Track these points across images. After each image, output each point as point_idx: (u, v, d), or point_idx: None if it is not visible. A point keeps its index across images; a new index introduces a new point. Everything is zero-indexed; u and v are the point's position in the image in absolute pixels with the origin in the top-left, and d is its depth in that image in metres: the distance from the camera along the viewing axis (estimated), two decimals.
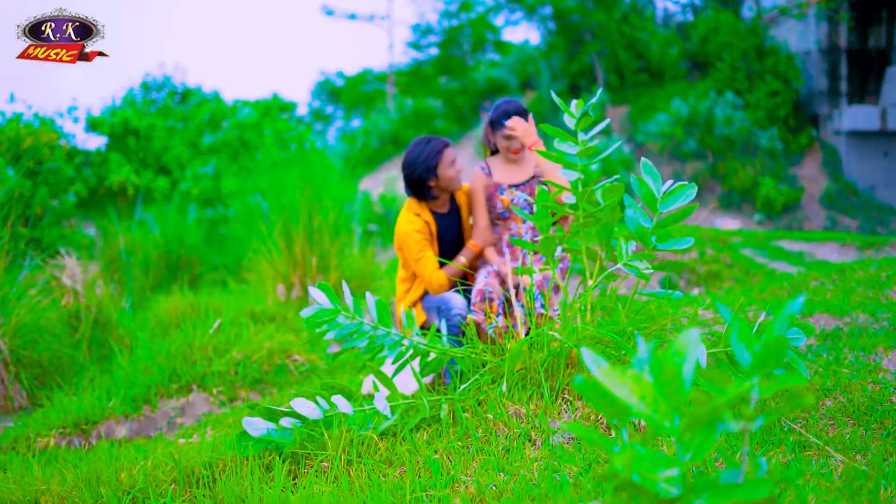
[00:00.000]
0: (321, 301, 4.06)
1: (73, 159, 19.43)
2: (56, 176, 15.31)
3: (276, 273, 9.61)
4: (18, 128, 14.40)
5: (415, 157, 5.33)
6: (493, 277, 5.12)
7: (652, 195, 4.06)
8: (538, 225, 4.24)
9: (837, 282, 6.92)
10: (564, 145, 4.22)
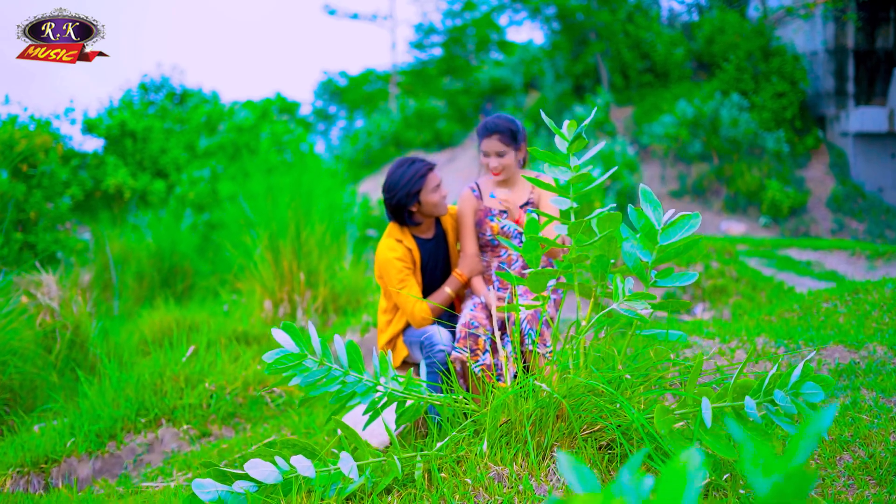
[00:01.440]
0: (285, 344, 3.67)
1: (69, 162, 19.17)
2: (51, 179, 15.05)
3: (262, 289, 9.23)
4: (13, 130, 14.15)
5: (396, 180, 4.93)
6: (479, 310, 4.73)
7: (651, 227, 3.66)
8: (526, 258, 3.85)
9: (851, 304, 6.53)
10: (556, 171, 3.82)
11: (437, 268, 5.14)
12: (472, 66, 46.33)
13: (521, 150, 5.10)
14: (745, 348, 5.20)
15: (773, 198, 26.24)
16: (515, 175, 5.12)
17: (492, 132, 4.99)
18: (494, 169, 5.02)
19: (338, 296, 9.40)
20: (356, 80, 55.01)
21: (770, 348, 5.16)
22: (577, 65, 35.41)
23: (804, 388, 3.14)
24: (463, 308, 4.89)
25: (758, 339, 5.36)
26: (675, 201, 27.73)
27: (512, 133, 5.00)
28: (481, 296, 4.91)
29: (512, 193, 5.11)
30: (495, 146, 4.99)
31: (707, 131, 28.23)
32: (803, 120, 29.67)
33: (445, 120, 40.33)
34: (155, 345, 7.92)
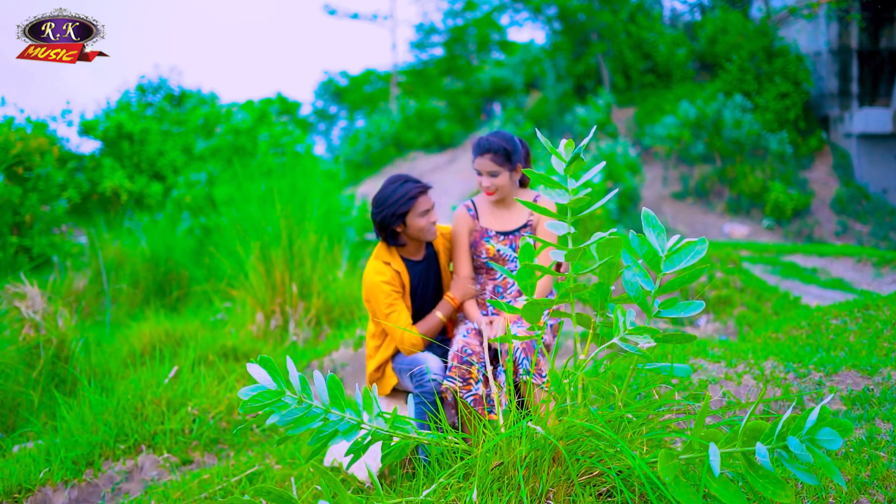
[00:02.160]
0: (261, 380, 3.42)
1: (65, 164, 19.01)
2: (47, 182, 14.87)
3: (254, 300, 8.98)
4: (9, 132, 13.98)
5: (384, 198, 4.67)
6: (472, 337, 4.47)
7: (655, 253, 3.42)
8: (521, 285, 3.60)
9: (861, 321, 6.27)
10: (553, 193, 3.57)
11: (428, 291, 4.89)
12: (473, 66, 46.22)
13: (518, 171, 4.84)
14: (752, 372, 4.95)
15: (777, 200, 26.03)
16: (512, 195, 4.86)
17: (485, 151, 4.73)
18: (487, 189, 4.76)
19: (332, 307, 9.14)
20: (357, 80, 54.85)
21: (779, 373, 4.91)
22: (579, 65, 35.25)
23: (820, 435, 2.89)
24: (455, 334, 4.64)
25: (765, 362, 5.11)
26: (678, 203, 27.53)
27: (506, 153, 4.73)
28: (475, 321, 4.66)
29: (509, 214, 4.86)
30: (488, 166, 4.73)
31: (710, 132, 28.03)
32: (807, 121, 29.48)
33: (446, 120, 40.16)
34: (143, 358, 7.68)
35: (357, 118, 53.23)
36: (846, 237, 25.39)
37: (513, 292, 4.80)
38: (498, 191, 4.75)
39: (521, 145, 4.87)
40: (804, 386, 4.72)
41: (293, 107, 41.62)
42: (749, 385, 4.82)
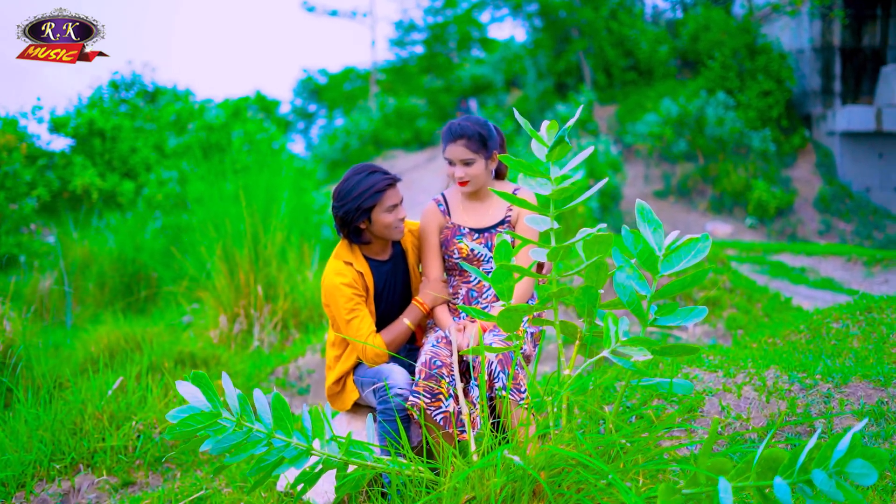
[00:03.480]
0: (192, 400, 2.94)
1: (35, 162, 18.59)
2: (14, 180, 14.46)
3: (217, 303, 8.48)
4: None
5: (348, 189, 4.15)
6: (442, 346, 3.99)
7: (651, 252, 2.96)
8: (496, 289, 3.13)
9: (864, 325, 5.83)
10: (533, 183, 3.11)
11: (395, 295, 4.39)
12: (454, 63, 45.84)
13: (494, 160, 4.33)
14: (753, 383, 4.49)
15: (760, 198, 25.72)
16: (487, 187, 4.36)
17: (457, 137, 4.22)
18: (460, 179, 4.24)
19: (299, 310, 8.65)
20: (336, 78, 54.37)
21: (783, 384, 4.45)
22: (560, 62, 34.86)
23: (852, 468, 2.43)
24: (424, 344, 4.15)
25: (767, 371, 4.65)
26: (660, 201, 27.18)
27: (481, 138, 4.22)
28: (445, 329, 4.17)
29: (484, 209, 4.37)
30: (460, 153, 4.22)
31: (692, 130, 27.67)
32: (789, 119, 29.18)
33: (426, 118, 39.74)
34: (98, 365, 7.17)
35: (336, 116, 52.72)
36: (830, 236, 25.12)
37: (489, 297, 4.29)
38: (472, 181, 4.24)
39: (496, 132, 4.37)
40: (811, 399, 4.27)
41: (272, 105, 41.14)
42: (750, 397, 4.37)
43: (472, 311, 3.12)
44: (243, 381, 7.13)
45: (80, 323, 11.28)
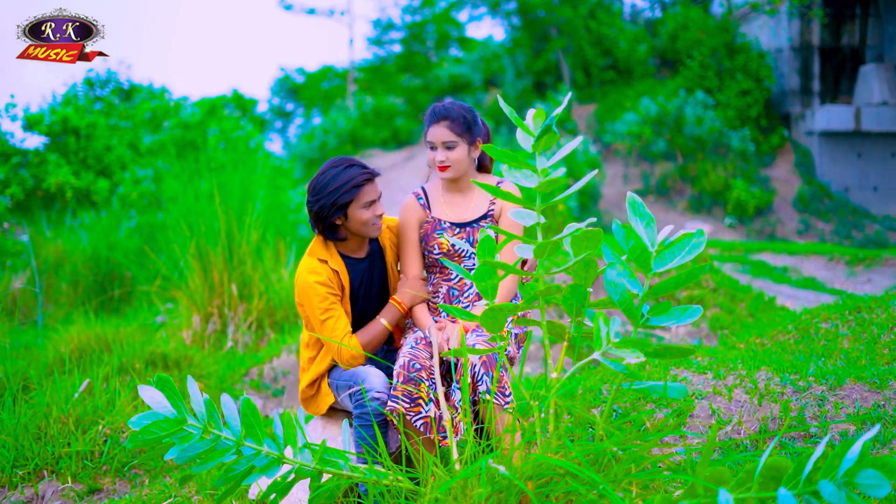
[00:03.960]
0: (157, 406, 2.75)
1: (8, 160, 18.39)
2: None
3: (190, 302, 8.27)
4: None
5: (324, 183, 3.95)
6: (422, 348, 3.80)
7: (643, 248, 2.79)
8: (479, 287, 2.95)
9: (854, 325, 5.69)
10: (518, 174, 2.93)
11: (372, 293, 4.20)
12: (432, 62, 45.71)
13: (478, 147, 4.14)
14: (744, 385, 4.33)
15: (739, 198, 25.67)
16: (469, 177, 4.18)
17: (441, 118, 4.03)
18: (441, 164, 4.04)
19: (274, 309, 8.45)
20: (314, 76, 54.11)
21: (774, 386, 4.30)
22: (538, 61, 34.74)
23: (862, 478, 2.26)
24: (402, 346, 3.96)
25: (758, 373, 4.49)
26: None
27: (465, 122, 4.03)
28: (425, 330, 3.98)
29: (466, 202, 4.18)
30: (443, 135, 4.03)
31: (671, 129, 27.59)
32: (768, 118, 29.15)
33: (404, 117, 39.56)
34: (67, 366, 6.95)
35: (314, 115, 52.48)
36: (809, 235, 25.09)
37: (471, 295, 4.10)
38: (453, 167, 4.04)
39: (482, 123, 4.19)
40: (805, 401, 4.12)
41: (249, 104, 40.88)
42: (742, 400, 4.21)
43: (453, 310, 2.94)
44: (217, 383, 6.94)
45: (52, 323, 11.06)
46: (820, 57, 28.49)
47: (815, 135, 27.46)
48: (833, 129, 26.82)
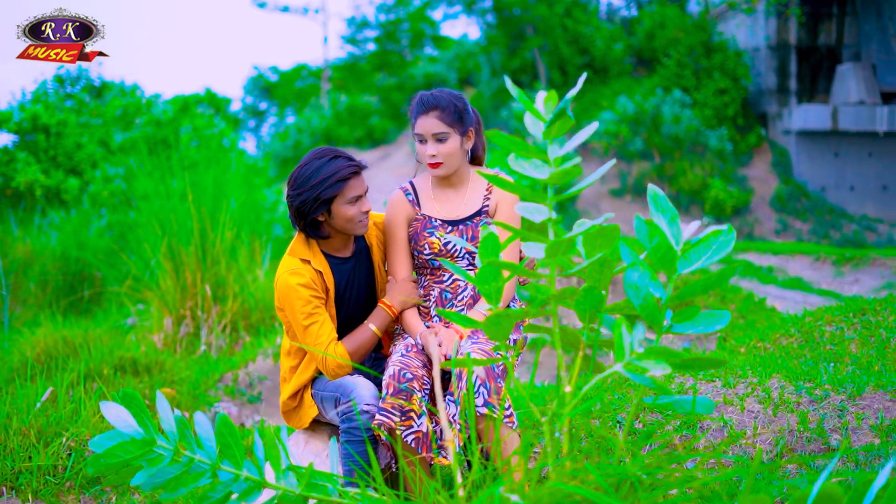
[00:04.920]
0: (121, 425, 2.44)
1: None
2: None
3: (162, 304, 7.94)
4: None
5: (306, 176, 3.62)
6: (413, 355, 3.50)
7: (668, 247, 2.50)
8: (482, 290, 2.65)
9: (860, 328, 5.43)
10: (525, 164, 2.63)
11: (359, 296, 3.88)
12: (407, 61, 45.47)
13: (471, 138, 3.83)
14: (757, 394, 4.06)
15: (717, 197, 25.56)
16: (463, 171, 3.86)
17: (430, 108, 3.71)
18: (432, 158, 3.72)
19: (250, 311, 8.13)
20: (287, 75, 53.81)
21: (789, 395, 4.02)
22: (514, 60, 34.52)
23: None
24: (391, 353, 3.65)
25: (770, 381, 4.21)
26: (616, 200, 26.94)
27: (456, 110, 3.71)
28: (416, 336, 3.66)
29: (458, 198, 3.86)
30: (433, 126, 3.72)
31: (648, 128, 27.43)
32: (745, 117, 29.08)
33: (378, 116, 39.35)
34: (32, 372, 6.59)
35: (287, 114, 52.16)
36: (786, 235, 25.00)
37: (465, 298, 3.78)
38: (445, 162, 3.72)
39: (473, 111, 3.88)
40: (823, 412, 3.84)
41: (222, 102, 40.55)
42: (755, 411, 3.93)
43: (451, 315, 2.63)
44: (189, 389, 6.61)
45: (18, 325, 10.72)
46: (797, 56, 28.45)
47: (792, 134, 27.41)
48: (810, 128, 26.77)
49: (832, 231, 25.21)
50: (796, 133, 27.18)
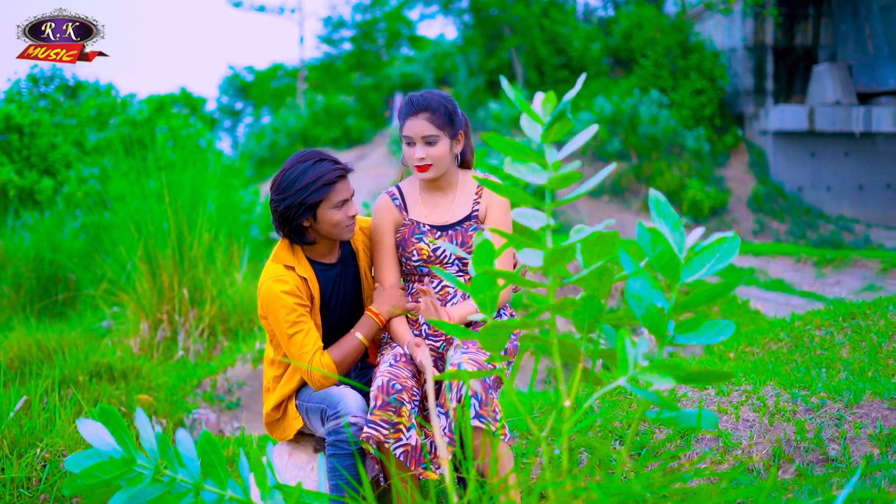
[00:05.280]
0: (99, 443, 2.31)
1: None
2: None
3: (138, 308, 7.78)
4: None
5: (291, 180, 3.49)
6: (402, 365, 3.38)
7: (672, 254, 2.40)
8: (476, 300, 2.54)
9: (850, 332, 5.35)
10: (522, 168, 2.53)
11: (344, 304, 3.75)
12: (383, 61, 45.39)
13: (460, 141, 3.71)
14: (751, 402, 3.96)
15: (694, 197, 25.55)
16: (451, 175, 3.74)
17: (420, 109, 3.58)
18: (421, 161, 3.61)
19: (228, 315, 7.99)
20: (263, 75, 53.75)
21: (784, 403, 3.93)
22: (491, 60, 34.47)
23: None
24: (379, 362, 3.53)
25: (764, 388, 4.12)
26: (593, 201, 26.89)
27: (447, 112, 3.60)
28: (404, 345, 3.54)
29: (447, 202, 3.75)
30: (423, 128, 3.59)
31: (625, 129, 27.40)
32: (722, 118, 29.11)
33: (355, 116, 39.22)
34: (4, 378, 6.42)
35: (263, 114, 52.05)
36: (764, 235, 25.01)
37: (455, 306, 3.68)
38: (435, 165, 3.60)
39: (461, 113, 3.76)
40: (820, 421, 3.75)
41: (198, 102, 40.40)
42: (750, 419, 3.84)
43: (444, 326, 2.51)
44: (167, 395, 6.46)
45: None
46: (773, 56, 28.52)
47: (768, 134, 27.46)
48: (787, 128, 26.83)
49: (809, 231, 25.25)
50: (773, 133, 27.24)
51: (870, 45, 27.01)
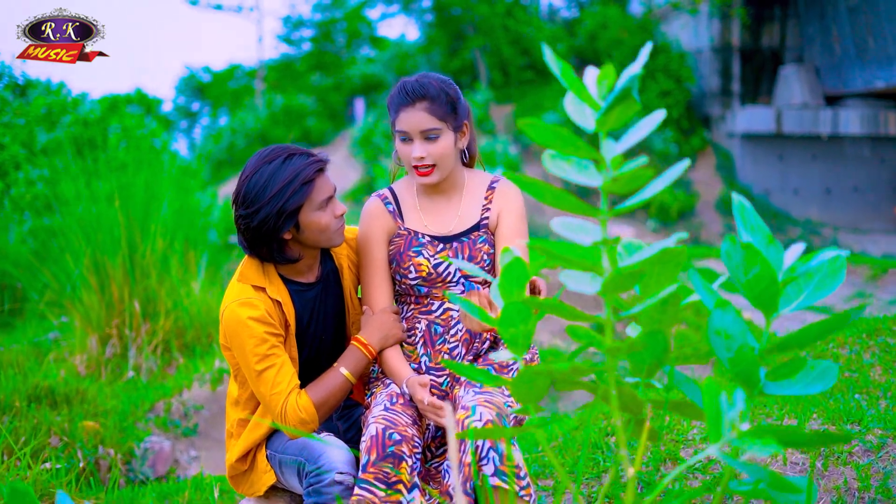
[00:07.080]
0: None
1: None
2: None
3: (85, 321, 7.14)
4: None
5: (259, 188, 2.83)
6: (400, 408, 2.78)
7: (771, 279, 1.83)
8: (507, 337, 1.95)
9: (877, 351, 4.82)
10: (567, 166, 1.94)
11: (326, 331, 3.12)
12: (343, 61, 44.97)
13: (465, 134, 3.09)
14: None
15: (662, 201, 25.27)
16: (455, 176, 3.11)
17: (417, 97, 2.94)
18: (420, 161, 2.96)
19: (184, 330, 7.35)
20: (220, 75, 53.19)
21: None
22: (455, 61, 34.07)
23: None
24: (370, 405, 2.92)
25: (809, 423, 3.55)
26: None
27: (449, 100, 2.96)
28: (401, 384, 2.93)
29: (450, 208, 3.13)
30: (421, 121, 2.96)
31: None
32: (689, 120, 28.85)
33: (315, 117, 38.79)
34: None
35: (221, 115, 51.49)
36: None
37: (459, 332, 3.04)
38: (438, 166, 2.96)
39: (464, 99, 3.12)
40: (884, 466, 3.19)
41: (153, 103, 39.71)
42: (799, 462, 3.27)
43: (459, 367, 1.92)
44: (116, 421, 5.81)
45: None
46: (740, 58, 28.40)
47: (735, 137, 27.29)
48: (754, 131, 26.70)
49: (778, 235, 25.05)
50: (740, 136, 27.08)
51: (837, 46, 26.82)
